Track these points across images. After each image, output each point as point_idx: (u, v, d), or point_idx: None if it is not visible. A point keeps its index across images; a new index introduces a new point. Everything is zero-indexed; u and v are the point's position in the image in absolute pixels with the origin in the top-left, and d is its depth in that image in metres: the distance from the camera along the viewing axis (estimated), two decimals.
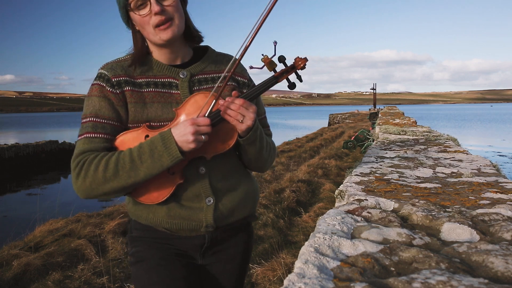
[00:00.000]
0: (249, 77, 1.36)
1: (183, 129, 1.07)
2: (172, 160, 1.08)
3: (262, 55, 1.13)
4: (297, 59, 1.17)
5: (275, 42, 1.10)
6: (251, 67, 1.20)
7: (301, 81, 1.20)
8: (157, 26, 1.12)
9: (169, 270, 1.19)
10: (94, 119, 1.14)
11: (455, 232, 0.94)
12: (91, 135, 1.13)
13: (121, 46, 1.49)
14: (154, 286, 1.17)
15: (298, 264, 0.75)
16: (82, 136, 1.14)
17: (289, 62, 1.17)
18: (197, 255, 1.27)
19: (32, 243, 4.23)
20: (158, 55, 1.23)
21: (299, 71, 1.18)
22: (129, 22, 1.19)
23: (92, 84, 1.18)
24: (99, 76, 1.17)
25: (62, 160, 16.85)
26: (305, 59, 1.16)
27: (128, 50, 1.24)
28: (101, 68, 1.19)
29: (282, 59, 1.14)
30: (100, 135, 1.14)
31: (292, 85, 1.18)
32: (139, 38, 1.20)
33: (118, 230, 4.55)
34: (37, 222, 4.97)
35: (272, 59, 1.13)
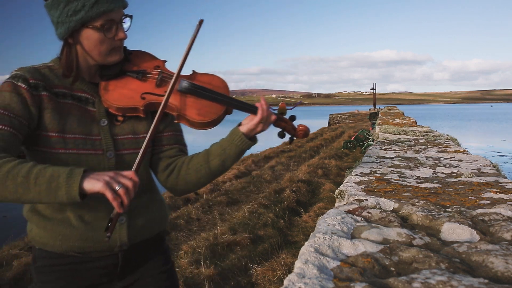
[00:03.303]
0: None
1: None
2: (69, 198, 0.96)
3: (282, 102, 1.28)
4: (300, 127, 1.27)
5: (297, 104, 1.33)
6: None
7: (291, 143, 1.32)
8: (113, 49, 1.15)
9: None
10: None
11: (455, 232, 0.94)
12: None
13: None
14: None
15: (298, 264, 0.75)
16: None
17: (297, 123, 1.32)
18: (114, 276, 1.22)
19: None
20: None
21: (295, 137, 1.29)
22: (73, 34, 1.12)
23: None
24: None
25: None
26: (305, 129, 1.27)
27: (55, 59, 1.18)
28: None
29: (292, 118, 1.28)
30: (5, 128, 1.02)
31: (281, 134, 1.27)
32: (74, 52, 1.14)
33: None
34: None
35: (286, 109, 1.27)
